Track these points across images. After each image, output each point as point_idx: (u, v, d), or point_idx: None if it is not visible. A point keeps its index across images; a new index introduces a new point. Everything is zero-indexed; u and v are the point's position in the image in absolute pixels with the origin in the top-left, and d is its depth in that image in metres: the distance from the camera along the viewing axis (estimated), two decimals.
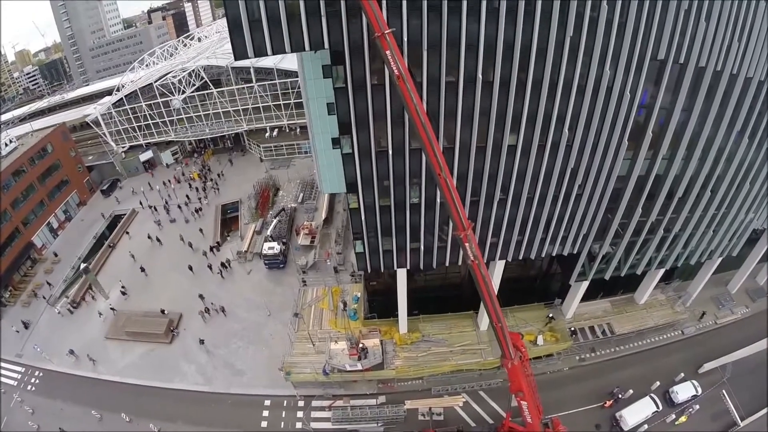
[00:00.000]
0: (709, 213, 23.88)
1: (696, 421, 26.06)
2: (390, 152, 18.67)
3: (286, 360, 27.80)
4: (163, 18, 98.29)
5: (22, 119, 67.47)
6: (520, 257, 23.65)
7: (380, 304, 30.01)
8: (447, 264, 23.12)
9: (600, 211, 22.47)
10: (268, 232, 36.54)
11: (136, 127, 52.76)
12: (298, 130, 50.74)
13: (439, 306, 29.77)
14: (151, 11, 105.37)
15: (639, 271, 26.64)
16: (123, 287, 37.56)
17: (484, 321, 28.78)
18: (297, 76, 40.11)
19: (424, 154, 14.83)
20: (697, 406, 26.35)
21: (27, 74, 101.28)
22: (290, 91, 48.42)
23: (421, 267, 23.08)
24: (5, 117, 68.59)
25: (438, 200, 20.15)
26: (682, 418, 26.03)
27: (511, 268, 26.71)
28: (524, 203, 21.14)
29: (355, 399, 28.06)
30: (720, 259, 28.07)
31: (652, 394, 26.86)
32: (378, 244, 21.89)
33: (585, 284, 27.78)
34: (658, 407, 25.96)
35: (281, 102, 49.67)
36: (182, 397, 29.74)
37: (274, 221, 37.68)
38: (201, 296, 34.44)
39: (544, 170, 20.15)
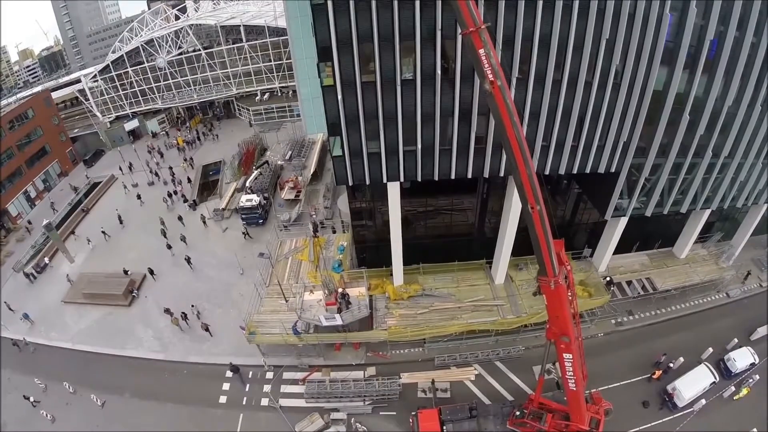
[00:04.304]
0: (759, 135, 19.52)
1: (758, 394, 20.84)
2: None
3: (253, 318, 22.77)
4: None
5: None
6: (546, 171, 18.43)
7: (372, 256, 24.84)
8: (453, 176, 18.08)
9: (640, 115, 17.58)
10: (247, 183, 32.11)
11: (122, 96, 49.94)
12: (290, 92, 47.17)
13: (443, 259, 24.50)
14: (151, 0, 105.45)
15: (683, 209, 21.93)
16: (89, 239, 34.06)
17: (499, 273, 23.42)
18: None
19: None
20: (757, 376, 21.29)
21: (26, 67, 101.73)
22: (282, 50, 45.15)
23: (419, 177, 18.00)
24: None
25: (438, 74, 15.33)
26: (744, 391, 20.92)
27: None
28: (550, 87, 16.19)
29: (338, 371, 22.89)
30: (766, 206, 23.80)
31: (706, 363, 21.77)
32: (361, 144, 17.03)
33: (621, 226, 22.60)
34: (715, 378, 20.99)
35: (273, 63, 46.36)
36: (134, 365, 25.26)
37: (255, 172, 33.29)
38: (167, 310, 26.41)
39: (572, 39, 15.30)
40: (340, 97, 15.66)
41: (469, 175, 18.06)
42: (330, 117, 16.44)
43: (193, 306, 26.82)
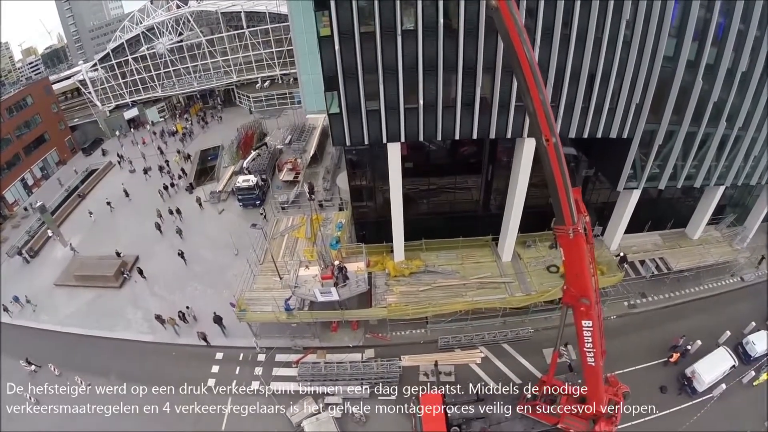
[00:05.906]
0: None
1: None
2: None
3: (244, 295, 21.64)
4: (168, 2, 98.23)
5: None
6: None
7: (371, 234, 23.70)
8: (457, 136, 17.02)
9: (653, 76, 16.60)
10: (245, 164, 31.25)
11: (122, 84, 49.65)
12: (291, 80, 46.61)
13: (447, 236, 23.34)
14: None
15: (697, 183, 21.03)
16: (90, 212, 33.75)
17: (506, 250, 22.27)
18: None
19: None
20: None
21: (29, 63, 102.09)
22: (283, 37, 44.68)
23: (420, 137, 17.00)
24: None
25: (441, 25, 14.38)
26: (764, 376, 19.78)
27: (537, 192, 20.75)
28: (558, 43, 15.23)
29: (334, 353, 21.73)
30: None
31: (725, 346, 20.61)
32: (359, 100, 16.07)
33: (633, 200, 21.50)
34: (735, 362, 19.82)
35: (273, 50, 45.91)
36: (121, 347, 24.28)
37: (253, 153, 32.47)
38: (158, 317, 24.36)
39: None
40: (337, 47, 14.73)
41: (474, 136, 17.00)
42: (327, 70, 15.49)
43: (188, 308, 24.95)
